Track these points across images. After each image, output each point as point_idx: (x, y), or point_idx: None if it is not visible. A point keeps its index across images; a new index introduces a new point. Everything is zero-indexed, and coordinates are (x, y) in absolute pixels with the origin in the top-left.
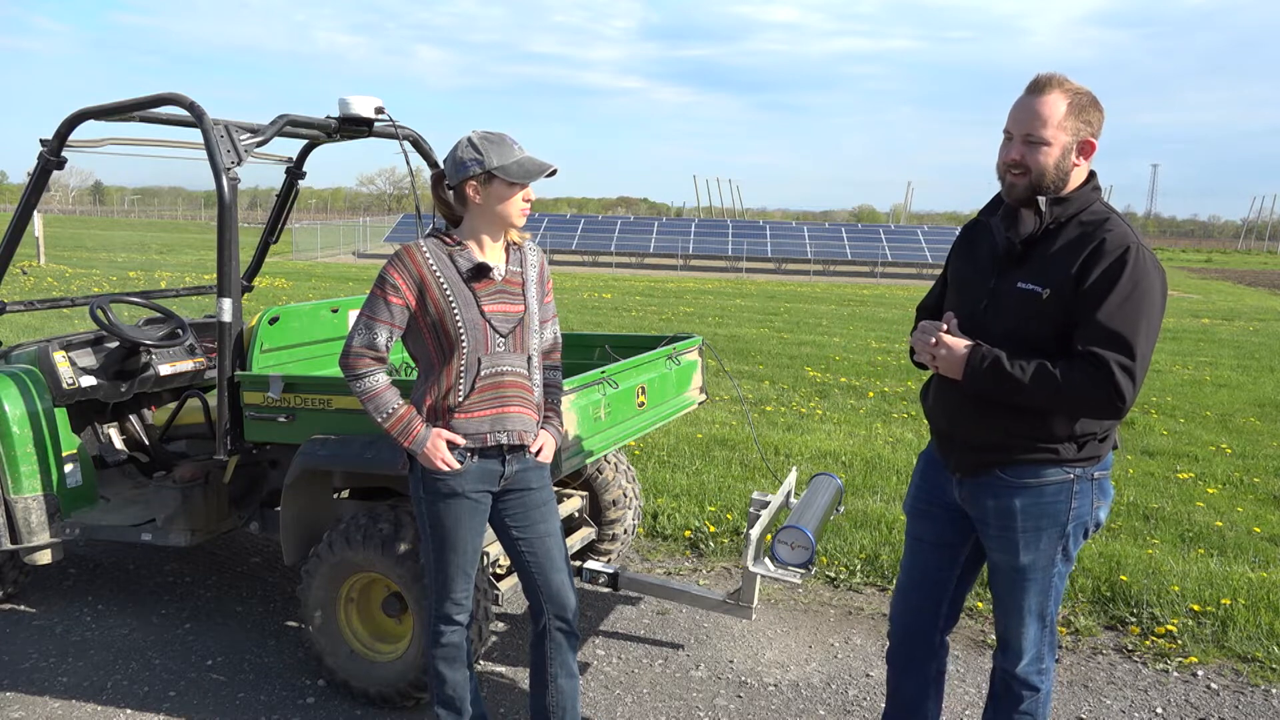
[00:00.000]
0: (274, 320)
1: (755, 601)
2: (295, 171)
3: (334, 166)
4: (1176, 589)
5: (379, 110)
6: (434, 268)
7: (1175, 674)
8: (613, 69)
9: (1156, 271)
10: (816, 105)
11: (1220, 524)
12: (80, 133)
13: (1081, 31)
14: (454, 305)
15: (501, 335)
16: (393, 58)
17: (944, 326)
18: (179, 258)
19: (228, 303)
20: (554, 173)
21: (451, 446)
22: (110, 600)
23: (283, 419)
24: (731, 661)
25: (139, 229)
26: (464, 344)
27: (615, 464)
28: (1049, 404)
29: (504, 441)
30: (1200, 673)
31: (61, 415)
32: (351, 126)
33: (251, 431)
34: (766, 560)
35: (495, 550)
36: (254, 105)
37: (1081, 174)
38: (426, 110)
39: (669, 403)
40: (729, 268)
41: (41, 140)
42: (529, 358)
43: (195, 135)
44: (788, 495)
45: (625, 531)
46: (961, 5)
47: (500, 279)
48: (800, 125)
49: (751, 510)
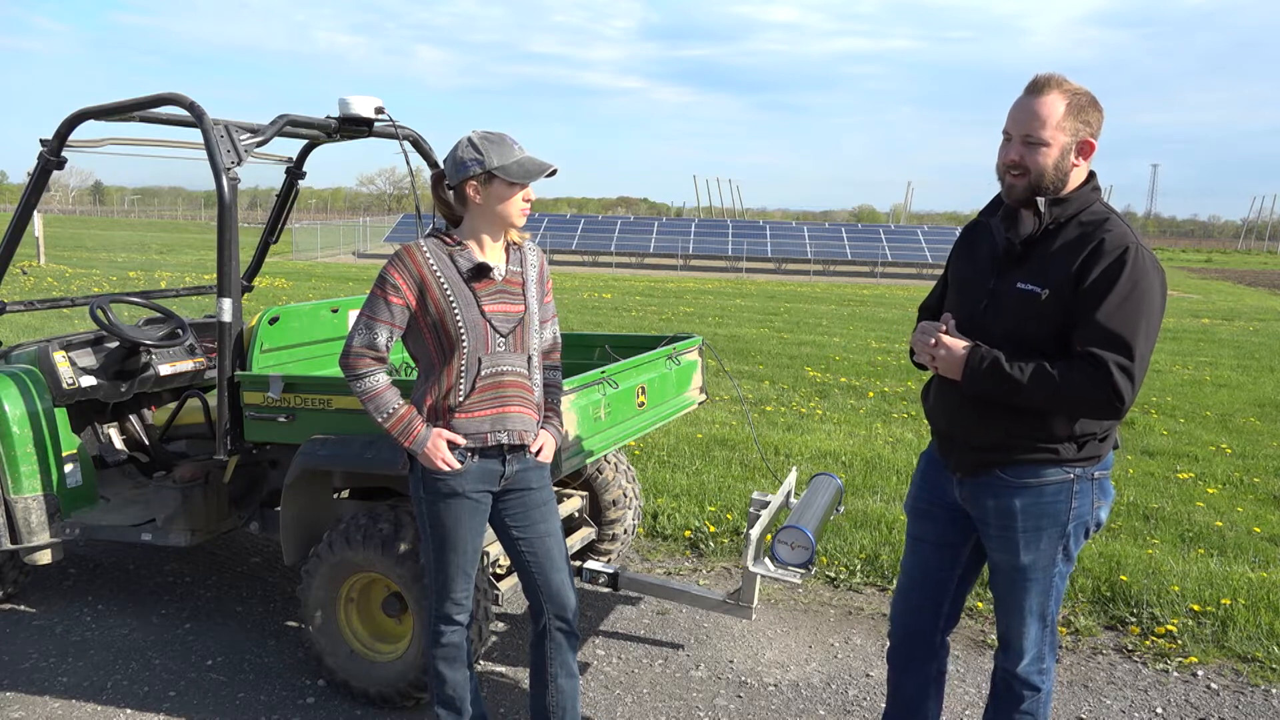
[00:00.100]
0: (274, 320)
1: (755, 601)
2: (295, 171)
3: (334, 166)
4: (1176, 589)
5: (379, 110)
6: (434, 268)
7: (1175, 674)
8: (613, 69)
9: (1156, 272)
10: (816, 105)
11: (1220, 524)
12: (80, 133)
13: (1081, 31)
14: (454, 305)
15: (502, 335)
16: (393, 58)
17: (943, 327)
18: (179, 258)
19: (228, 303)
20: (554, 173)
21: (452, 446)
22: (110, 600)
23: (283, 419)
24: (731, 661)
25: (139, 229)
26: (464, 344)
27: (615, 464)
28: (1048, 404)
29: (504, 441)
30: (1200, 673)
31: (61, 415)
32: (351, 126)
33: (251, 431)
34: (766, 560)
35: (495, 550)
36: (254, 105)
37: (1081, 174)
38: (426, 110)
39: (669, 403)
40: (729, 268)
41: (41, 140)
42: (529, 358)
43: (195, 135)
44: (788, 495)
45: (625, 531)
46: (961, 5)
47: (500, 279)
48: (800, 125)
49: (751, 510)
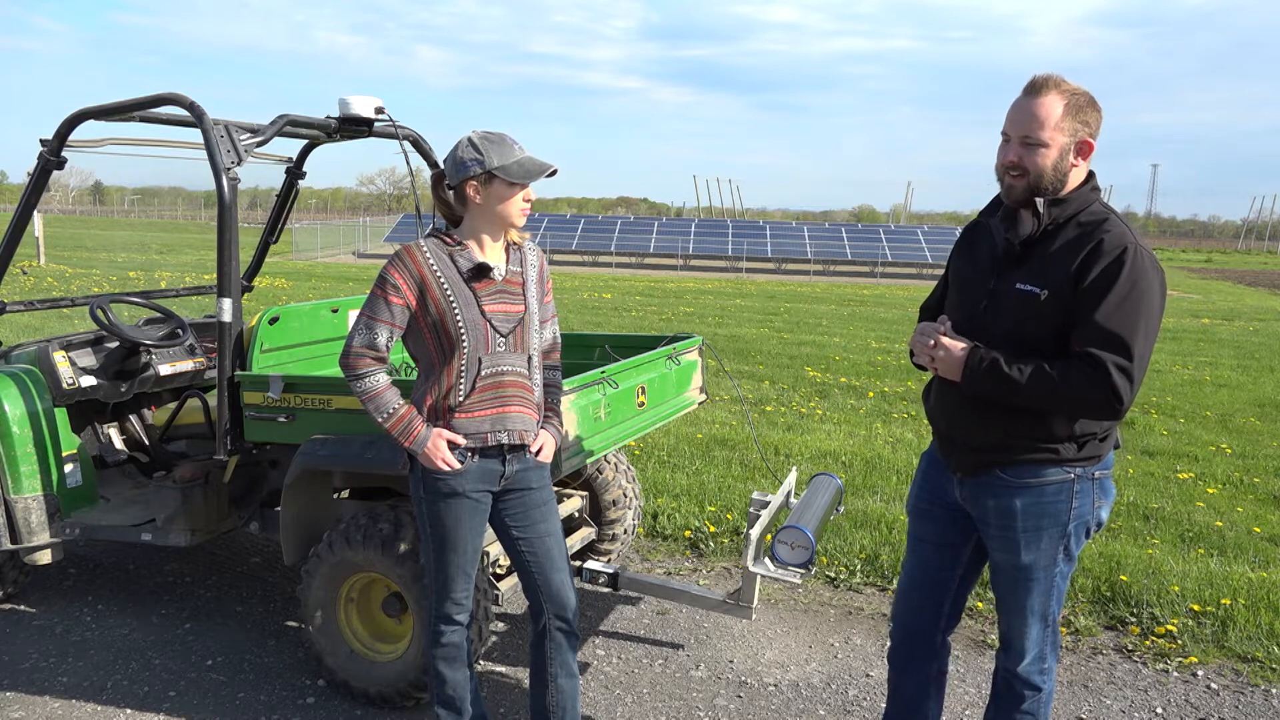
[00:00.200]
0: (274, 320)
1: (755, 601)
2: (295, 171)
3: (334, 166)
4: (1176, 589)
5: (379, 110)
6: (434, 268)
7: (1175, 674)
8: (613, 69)
9: (1155, 272)
10: (816, 105)
11: (1220, 524)
12: (80, 133)
13: (1081, 31)
14: (454, 305)
15: (502, 335)
16: (393, 58)
17: (942, 329)
18: (179, 258)
19: (228, 303)
20: (554, 173)
21: (452, 446)
22: (110, 600)
23: (283, 419)
24: (731, 661)
25: (139, 229)
26: (464, 344)
27: (615, 464)
28: (1047, 405)
29: (504, 441)
30: (1200, 673)
31: (61, 415)
32: (351, 126)
33: (251, 431)
34: (766, 560)
35: (495, 550)
36: (254, 105)
37: (1080, 174)
38: (426, 110)
39: (669, 403)
40: (729, 268)
41: (41, 140)
42: (529, 357)
43: (195, 135)
44: (788, 495)
45: (625, 531)
46: (961, 5)
47: (500, 279)
48: (800, 125)
49: (751, 510)
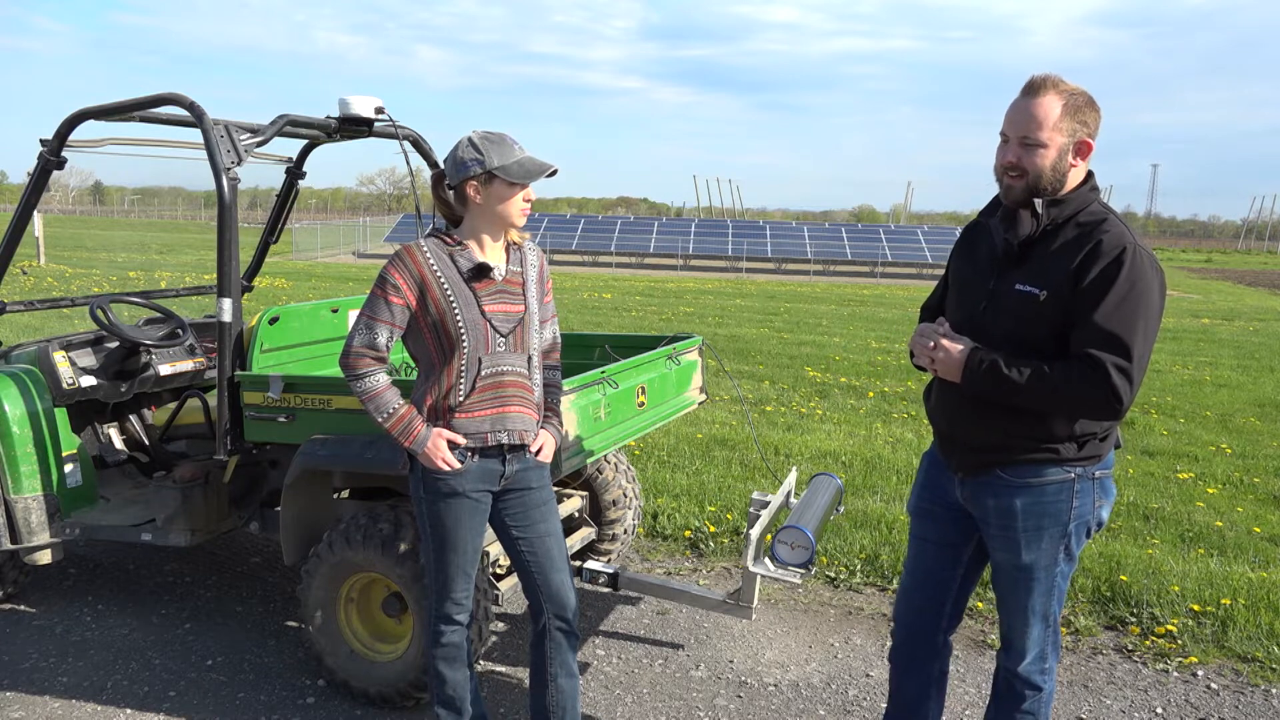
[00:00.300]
0: (274, 320)
1: (755, 601)
2: (295, 171)
3: (334, 166)
4: (1176, 589)
5: (379, 110)
6: (435, 267)
7: (1175, 674)
8: (613, 69)
9: (1154, 272)
10: (816, 105)
11: (1220, 524)
12: (80, 133)
13: (1081, 31)
14: (454, 305)
15: (502, 335)
16: (393, 58)
17: (941, 329)
18: (179, 258)
19: (228, 303)
20: (554, 173)
21: (452, 446)
22: (110, 600)
23: (283, 419)
24: (731, 661)
25: (139, 229)
26: (464, 344)
27: (615, 464)
28: (1047, 406)
29: (504, 441)
30: (1200, 673)
31: (61, 415)
32: (351, 126)
33: (251, 431)
34: (766, 560)
35: (495, 550)
36: (254, 105)
37: (1079, 174)
38: (426, 110)
39: (669, 403)
40: (729, 268)
41: (41, 140)
42: (529, 357)
43: (195, 135)
44: (788, 495)
45: (625, 531)
46: (961, 5)
47: (500, 279)
48: (800, 125)
49: (751, 510)
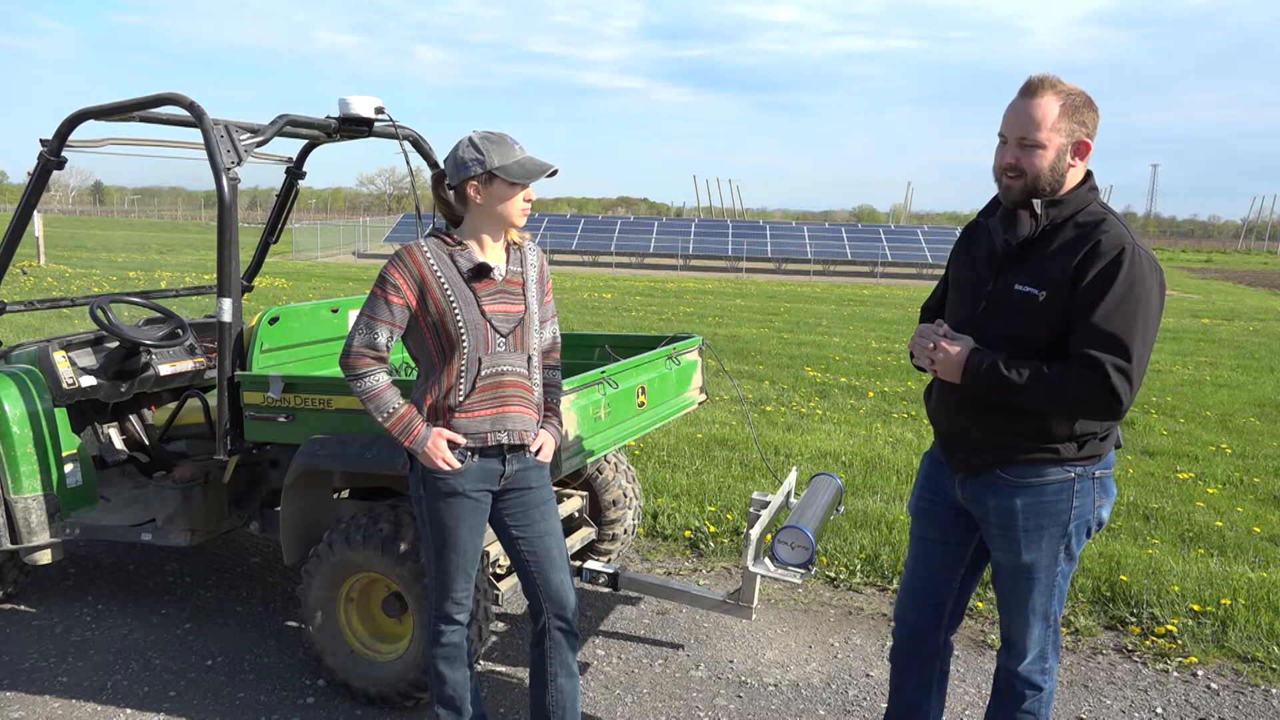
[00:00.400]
0: (274, 320)
1: (755, 601)
2: (295, 171)
3: (334, 166)
4: (1176, 589)
5: (379, 110)
6: (435, 267)
7: (1175, 674)
8: (613, 69)
9: (1153, 272)
10: (816, 105)
11: (1220, 524)
12: (80, 133)
13: (1081, 31)
14: (455, 305)
15: (502, 335)
16: (393, 58)
17: (940, 330)
18: (179, 258)
19: (228, 303)
20: (555, 173)
21: (452, 446)
22: (110, 600)
23: (283, 419)
24: (731, 661)
25: (139, 229)
26: (464, 344)
27: (615, 464)
28: (1047, 406)
29: (504, 441)
30: (1200, 673)
31: (61, 415)
32: (351, 126)
33: (251, 431)
34: (766, 560)
35: (495, 550)
36: (254, 105)
37: (1078, 174)
38: (426, 110)
39: (669, 403)
40: (729, 268)
41: (41, 140)
42: (529, 357)
43: (195, 135)
44: (788, 495)
45: (625, 531)
46: (961, 5)
47: (501, 279)
48: (800, 125)
49: (751, 510)
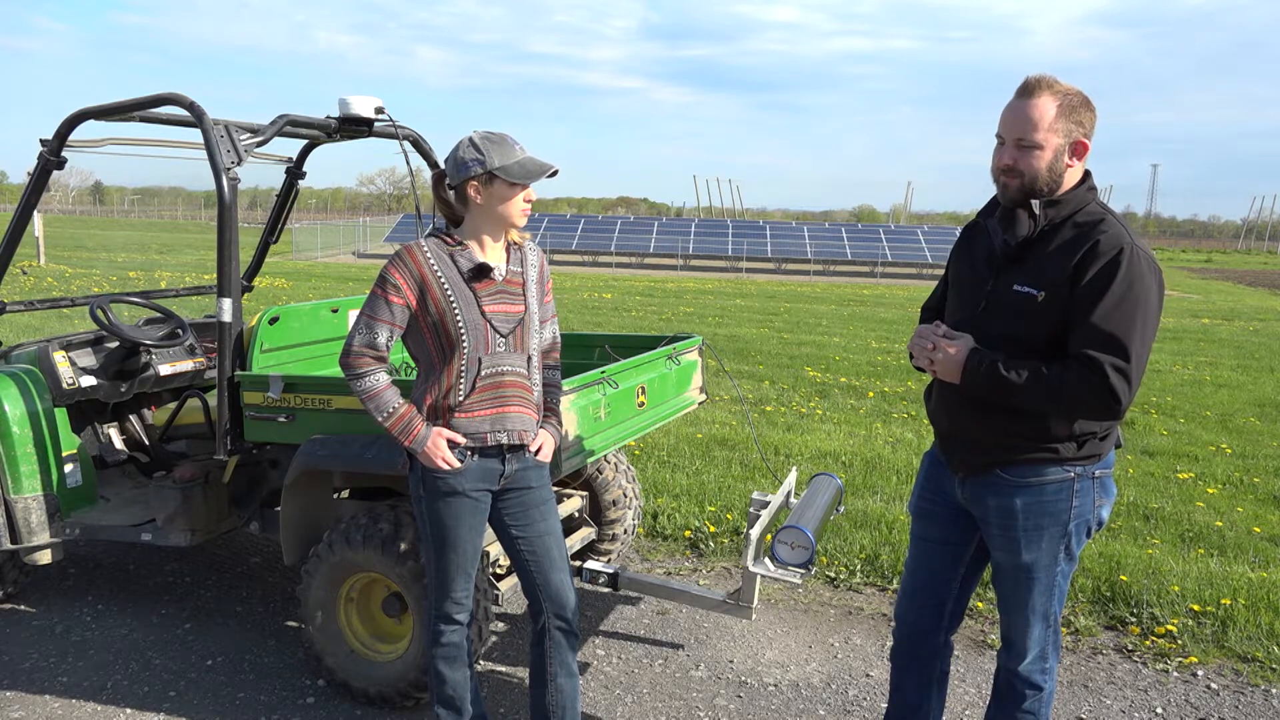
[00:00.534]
0: (274, 320)
1: (755, 601)
2: (295, 171)
3: (334, 166)
4: (1176, 589)
5: (379, 110)
6: (435, 267)
7: (1175, 674)
8: (613, 69)
9: (1152, 273)
10: (816, 105)
11: (1220, 524)
12: (80, 133)
13: (1081, 31)
14: (455, 305)
15: (502, 335)
16: (393, 58)
17: (939, 330)
18: (179, 258)
19: (228, 303)
20: (555, 173)
21: (451, 445)
22: (110, 600)
23: (283, 419)
24: (731, 661)
25: (139, 229)
26: (464, 344)
27: (615, 464)
28: (1046, 406)
29: (504, 441)
30: (1200, 673)
31: (61, 415)
32: (351, 126)
33: (251, 431)
34: (766, 560)
35: (495, 550)
36: (254, 105)
37: (1076, 174)
38: (426, 110)
39: (669, 403)
40: (729, 268)
41: (41, 140)
42: (529, 358)
43: (195, 135)
44: (788, 495)
45: (625, 531)
46: (961, 5)
47: (501, 279)
48: (800, 125)
49: (751, 510)
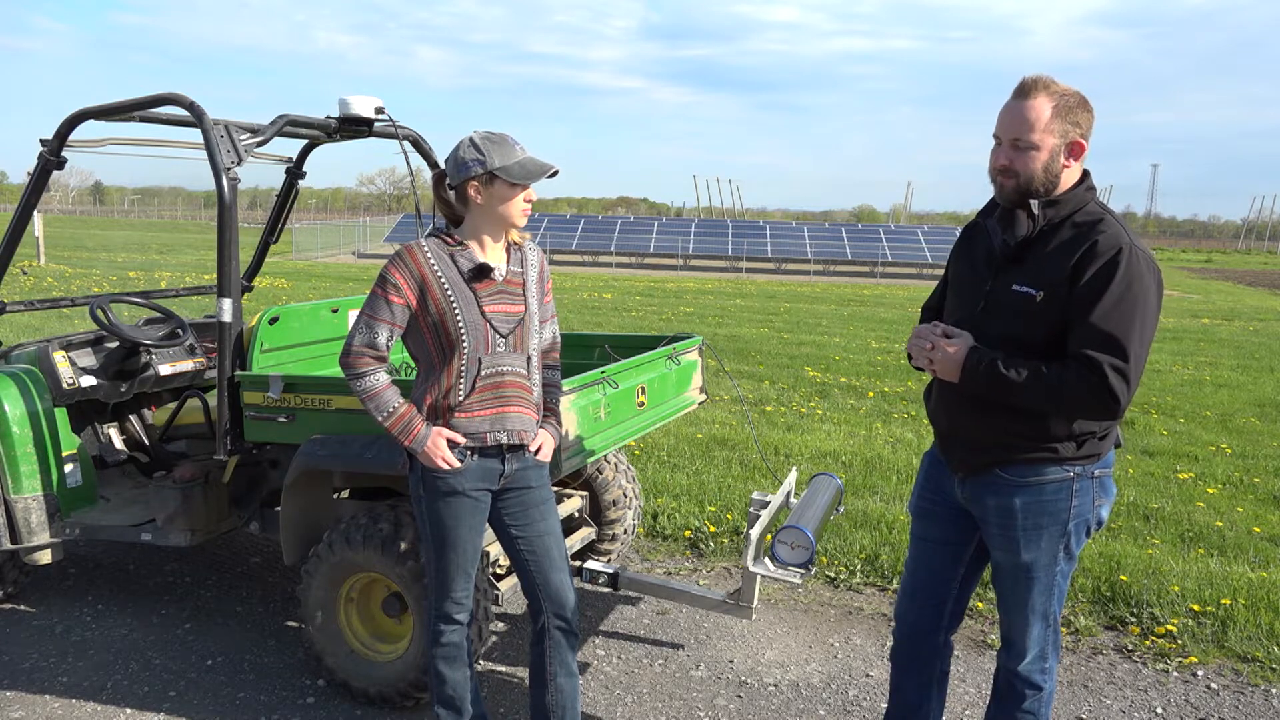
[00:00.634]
0: (274, 320)
1: (755, 601)
2: (295, 171)
3: (334, 166)
4: (1176, 589)
5: (379, 110)
6: (435, 267)
7: (1175, 674)
8: (613, 69)
9: (1151, 273)
10: (816, 105)
11: (1220, 524)
12: (80, 133)
13: (1081, 31)
14: (455, 305)
15: (502, 335)
16: (393, 58)
17: (939, 330)
18: (179, 258)
19: (228, 303)
20: (555, 173)
21: (451, 445)
22: (110, 600)
23: (283, 419)
24: (731, 661)
25: (139, 229)
26: (464, 344)
27: (615, 464)
28: (1045, 406)
29: (504, 441)
30: (1200, 673)
31: (61, 415)
32: (351, 126)
33: (251, 431)
34: (766, 560)
35: (495, 550)
36: (254, 105)
37: (1074, 175)
38: (426, 110)
39: (669, 403)
40: (729, 268)
41: (41, 140)
42: (529, 358)
43: (195, 135)
44: (788, 495)
45: (625, 531)
46: (961, 5)
47: (501, 279)
48: (800, 125)
49: (751, 510)
